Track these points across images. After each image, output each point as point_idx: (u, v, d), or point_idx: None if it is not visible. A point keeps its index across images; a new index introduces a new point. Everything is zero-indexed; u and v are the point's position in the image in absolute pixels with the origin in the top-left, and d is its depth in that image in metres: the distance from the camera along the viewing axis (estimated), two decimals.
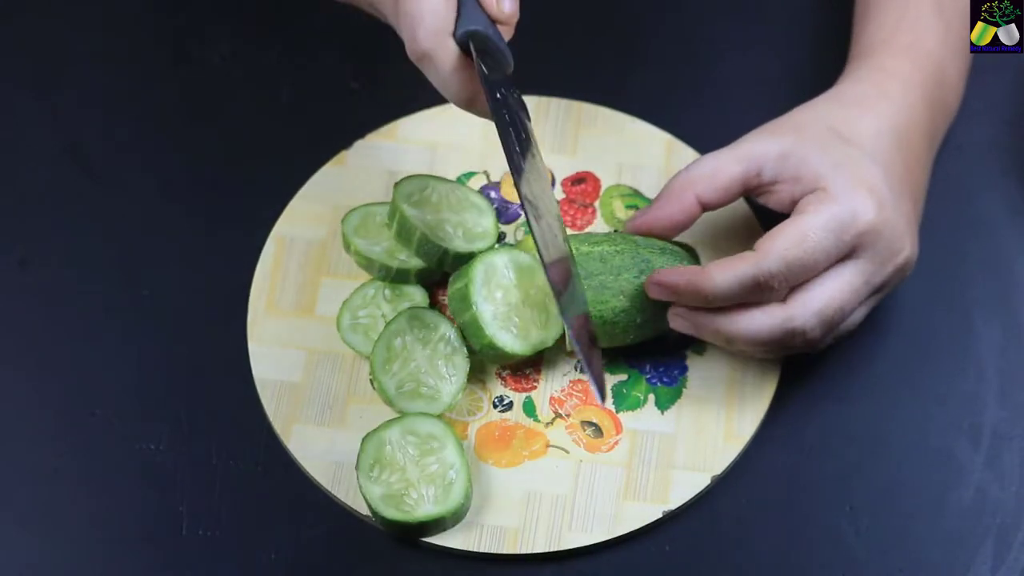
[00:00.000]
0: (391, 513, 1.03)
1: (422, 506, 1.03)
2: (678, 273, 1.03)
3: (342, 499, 1.06)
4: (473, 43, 1.01)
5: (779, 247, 1.01)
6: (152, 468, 1.08)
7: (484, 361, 1.09)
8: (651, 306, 1.06)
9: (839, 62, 1.15)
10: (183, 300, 1.14)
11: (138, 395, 1.10)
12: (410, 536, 1.04)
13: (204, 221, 1.17)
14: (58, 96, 1.22)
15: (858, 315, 1.05)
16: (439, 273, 1.12)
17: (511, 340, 1.07)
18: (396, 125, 1.19)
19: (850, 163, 1.04)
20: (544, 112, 1.19)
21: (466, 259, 1.10)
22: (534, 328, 1.08)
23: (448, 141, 1.18)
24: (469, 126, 1.18)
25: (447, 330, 1.08)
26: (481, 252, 1.10)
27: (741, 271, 1.01)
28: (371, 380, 1.09)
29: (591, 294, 1.06)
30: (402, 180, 1.12)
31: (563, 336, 1.08)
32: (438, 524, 1.03)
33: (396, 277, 1.11)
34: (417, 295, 1.11)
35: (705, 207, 1.07)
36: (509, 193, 1.17)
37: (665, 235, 1.08)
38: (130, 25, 1.26)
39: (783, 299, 1.03)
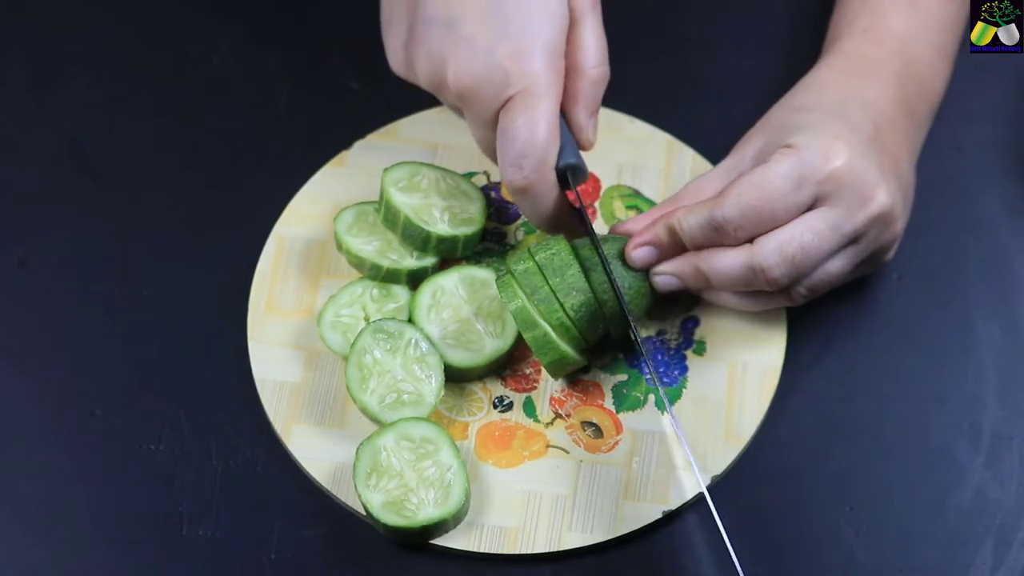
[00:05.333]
0: (393, 520, 1.03)
1: (424, 510, 1.03)
2: (647, 216, 1.07)
3: (342, 499, 1.06)
4: (571, 176, 1.05)
5: (735, 192, 1.03)
6: (152, 468, 1.08)
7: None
8: (606, 291, 1.06)
9: None
10: (183, 300, 1.14)
11: (138, 395, 1.10)
12: (413, 541, 1.04)
13: (204, 221, 1.17)
14: (58, 96, 1.22)
15: (834, 266, 1.05)
16: (430, 273, 1.12)
17: (463, 356, 1.08)
18: (396, 125, 1.19)
19: (815, 123, 1.06)
20: None
21: (449, 243, 1.10)
22: (488, 339, 1.09)
23: (448, 141, 1.18)
24: (468, 127, 1.18)
25: (412, 334, 1.08)
26: (433, 275, 1.11)
27: (701, 214, 1.04)
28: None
29: (543, 307, 1.05)
30: (392, 166, 1.12)
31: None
32: (440, 527, 1.03)
33: (386, 277, 1.11)
34: (403, 297, 1.11)
35: None
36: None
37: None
38: (130, 25, 1.26)
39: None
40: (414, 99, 1.19)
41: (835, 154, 1.03)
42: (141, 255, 1.16)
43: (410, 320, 1.09)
